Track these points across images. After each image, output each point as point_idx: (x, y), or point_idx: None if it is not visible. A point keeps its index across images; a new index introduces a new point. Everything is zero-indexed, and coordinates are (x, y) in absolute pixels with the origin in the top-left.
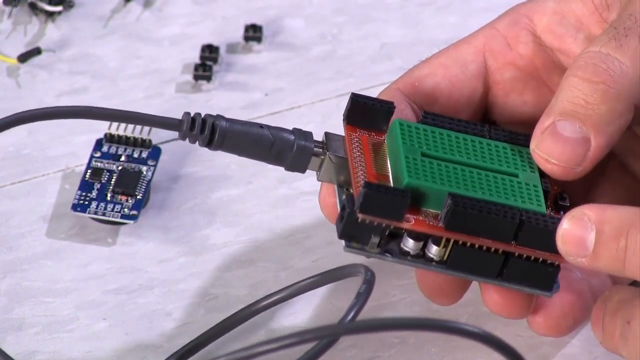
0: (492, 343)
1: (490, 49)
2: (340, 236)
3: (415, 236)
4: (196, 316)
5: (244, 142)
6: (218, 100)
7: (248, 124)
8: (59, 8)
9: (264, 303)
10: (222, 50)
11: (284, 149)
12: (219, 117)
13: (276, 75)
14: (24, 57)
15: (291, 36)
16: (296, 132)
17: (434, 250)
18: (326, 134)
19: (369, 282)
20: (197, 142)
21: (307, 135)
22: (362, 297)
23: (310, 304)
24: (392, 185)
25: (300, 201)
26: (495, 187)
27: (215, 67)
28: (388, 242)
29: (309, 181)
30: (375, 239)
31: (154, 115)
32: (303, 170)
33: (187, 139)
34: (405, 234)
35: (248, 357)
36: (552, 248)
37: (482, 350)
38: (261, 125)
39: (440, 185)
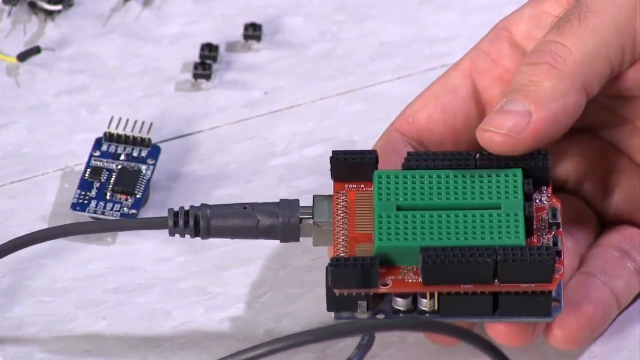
0: (476, 342)
1: (477, 69)
2: (328, 309)
3: (402, 294)
4: (196, 315)
5: (229, 226)
6: (217, 99)
7: (231, 207)
8: (58, 7)
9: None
10: (221, 49)
11: (270, 224)
12: (203, 206)
13: (276, 74)
14: (23, 56)
15: (291, 35)
16: (282, 204)
17: (423, 303)
18: (314, 197)
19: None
20: (188, 236)
21: (293, 205)
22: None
23: (310, 304)
24: (374, 243)
25: (300, 200)
26: (472, 228)
27: (214, 66)
28: (378, 303)
29: (309, 180)
30: (363, 303)
31: (141, 219)
32: (297, 240)
33: (176, 234)
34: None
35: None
36: (536, 278)
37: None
38: (244, 206)
39: (413, 241)
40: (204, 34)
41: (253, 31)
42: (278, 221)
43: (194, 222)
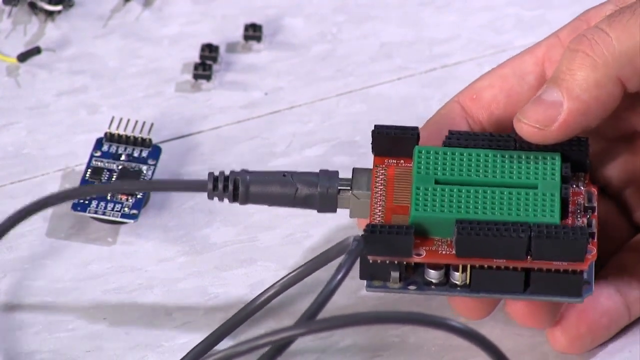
0: (476, 340)
1: (550, 58)
2: (361, 277)
3: (434, 266)
4: (196, 315)
5: (268, 193)
6: (218, 100)
7: (270, 175)
8: (58, 7)
9: (264, 297)
10: (221, 50)
11: (308, 193)
12: (243, 172)
13: (276, 75)
14: (23, 57)
15: (291, 35)
16: (321, 174)
17: (456, 276)
18: (353, 170)
19: (359, 242)
20: (226, 200)
21: (332, 176)
22: (352, 256)
23: (309, 297)
24: (410, 213)
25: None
26: (508, 204)
27: (215, 67)
28: (410, 274)
29: None
30: (395, 274)
31: (180, 180)
32: (334, 210)
33: (215, 197)
34: (425, 264)
35: None
36: (568, 257)
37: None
38: (284, 174)
39: (449, 213)
40: (204, 34)
41: (253, 32)
42: (316, 191)
43: (233, 187)
